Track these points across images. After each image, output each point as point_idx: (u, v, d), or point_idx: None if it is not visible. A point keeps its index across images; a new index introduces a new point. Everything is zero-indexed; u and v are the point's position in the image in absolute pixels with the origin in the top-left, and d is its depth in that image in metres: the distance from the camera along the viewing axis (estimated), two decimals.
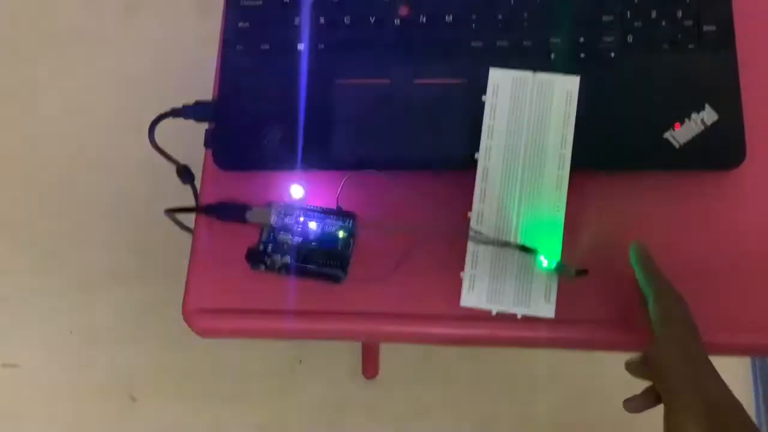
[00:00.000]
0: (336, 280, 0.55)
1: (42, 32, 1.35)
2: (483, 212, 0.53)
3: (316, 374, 1.15)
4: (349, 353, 1.14)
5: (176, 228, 0.61)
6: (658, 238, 0.53)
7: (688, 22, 0.56)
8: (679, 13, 0.56)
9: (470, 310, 0.53)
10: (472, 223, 0.53)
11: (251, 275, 0.55)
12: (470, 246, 0.53)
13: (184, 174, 0.61)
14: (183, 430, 1.14)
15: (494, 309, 0.52)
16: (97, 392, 1.16)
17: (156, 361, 1.17)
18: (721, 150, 0.54)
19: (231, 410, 1.15)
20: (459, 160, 0.55)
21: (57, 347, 1.19)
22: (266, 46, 0.59)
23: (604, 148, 0.55)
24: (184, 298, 0.55)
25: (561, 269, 0.52)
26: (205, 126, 0.59)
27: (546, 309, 0.52)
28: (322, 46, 0.58)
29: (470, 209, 0.53)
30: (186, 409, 1.15)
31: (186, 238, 0.59)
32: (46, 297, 1.20)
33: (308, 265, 0.55)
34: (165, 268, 1.15)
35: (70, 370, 1.18)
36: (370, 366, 1.12)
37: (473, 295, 0.53)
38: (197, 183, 0.59)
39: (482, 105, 0.55)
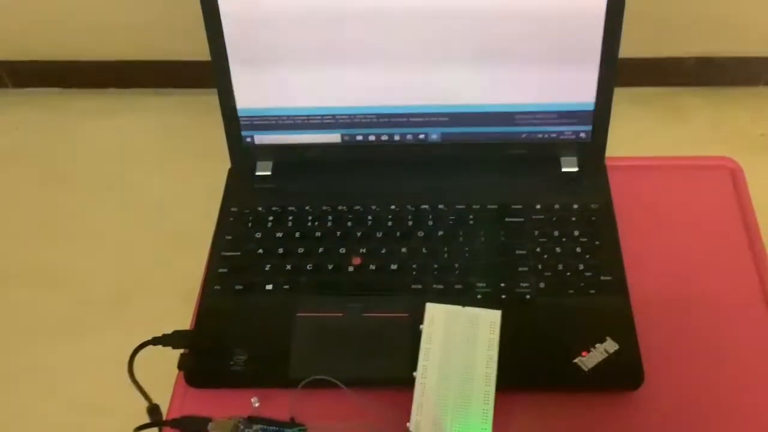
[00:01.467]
0: None
1: (31, 323, 1.46)
2: (420, 423, 0.60)
3: None
4: None
5: None
6: None
7: (589, 273, 0.69)
8: (581, 266, 0.69)
9: None
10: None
11: None
12: None
13: (154, 412, 0.68)
14: None
15: None
16: None
17: None
18: (623, 374, 0.63)
19: None
20: (400, 378, 0.63)
21: None
22: (240, 287, 0.70)
23: (524, 371, 0.64)
24: None
25: None
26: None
27: None
28: (287, 286, 0.70)
29: (409, 420, 0.60)
30: None
31: None
32: None
33: None
34: None
35: None
36: None
37: None
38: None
39: (420, 333, 0.65)
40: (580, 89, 0.73)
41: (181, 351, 0.67)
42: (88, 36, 1.75)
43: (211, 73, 0.72)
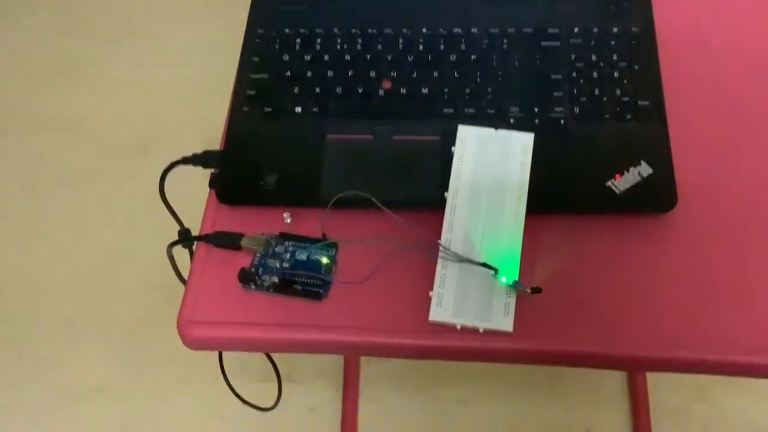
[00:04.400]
0: (317, 297, 0.61)
1: (56, 170, 1.47)
2: (451, 240, 0.61)
3: None
4: None
5: (162, 343, 0.63)
6: (604, 267, 0.61)
7: (626, 98, 0.67)
8: (618, 91, 0.67)
9: (438, 325, 0.58)
10: (441, 248, 0.60)
11: (242, 294, 0.61)
12: (439, 267, 0.60)
13: (185, 235, 0.68)
14: None
15: (459, 323, 0.58)
16: None
17: None
18: (656, 197, 0.63)
19: None
20: (430, 199, 0.63)
21: None
22: (269, 109, 0.69)
23: (555, 193, 0.63)
24: (179, 312, 0.61)
25: (518, 287, 0.58)
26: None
27: (504, 323, 0.58)
28: (317, 109, 0.69)
29: (440, 238, 0.61)
30: None
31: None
32: (27, 407, 1.22)
33: (294, 285, 0.61)
34: (152, 385, 1.19)
35: None
36: None
37: (440, 311, 0.59)
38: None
39: (451, 155, 0.64)
40: None
41: (212, 170, 0.67)
42: None
43: None
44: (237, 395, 0.81)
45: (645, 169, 0.64)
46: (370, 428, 1.15)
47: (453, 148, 0.64)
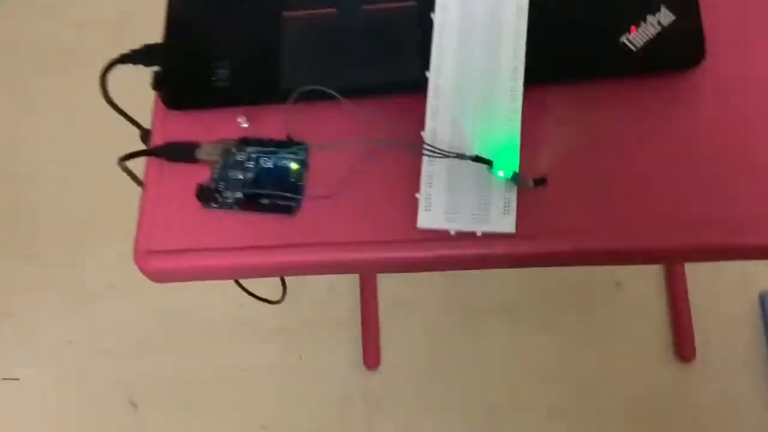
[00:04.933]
0: (289, 211, 0.53)
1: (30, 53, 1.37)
2: (436, 130, 0.51)
3: (317, 369, 1.13)
4: (350, 344, 1.12)
5: None
6: (620, 144, 0.51)
7: None
8: None
9: (428, 232, 0.50)
10: (426, 140, 0.51)
11: (203, 214, 0.54)
12: (425, 165, 0.51)
13: (146, 138, 0.60)
14: None
15: (453, 228, 0.50)
16: (98, 402, 1.15)
17: (156, 368, 1.15)
18: (680, 50, 0.52)
19: (233, 413, 1.13)
20: (409, 82, 0.53)
21: (57, 359, 1.18)
22: None
23: (558, 59, 0.53)
24: (134, 242, 0.54)
25: (519, 180, 0.49)
26: None
27: (506, 223, 0.50)
28: None
29: (423, 129, 0.51)
30: (187, 413, 1.13)
31: None
32: (45, 310, 1.20)
33: (261, 199, 0.53)
34: None
35: (69, 381, 1.16)
36: (370, 355, 1.09)
37: (430, 216, 0.50)
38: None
39: (431, 24, 0.53)
40: None
41: (155, 69, 0.57)
42: None
43: None
44: (244, 289, 0.75)
45: (666, 17, 0.52)
46: (390, 304, 1.11)
47: (432, 14, 0.54)
